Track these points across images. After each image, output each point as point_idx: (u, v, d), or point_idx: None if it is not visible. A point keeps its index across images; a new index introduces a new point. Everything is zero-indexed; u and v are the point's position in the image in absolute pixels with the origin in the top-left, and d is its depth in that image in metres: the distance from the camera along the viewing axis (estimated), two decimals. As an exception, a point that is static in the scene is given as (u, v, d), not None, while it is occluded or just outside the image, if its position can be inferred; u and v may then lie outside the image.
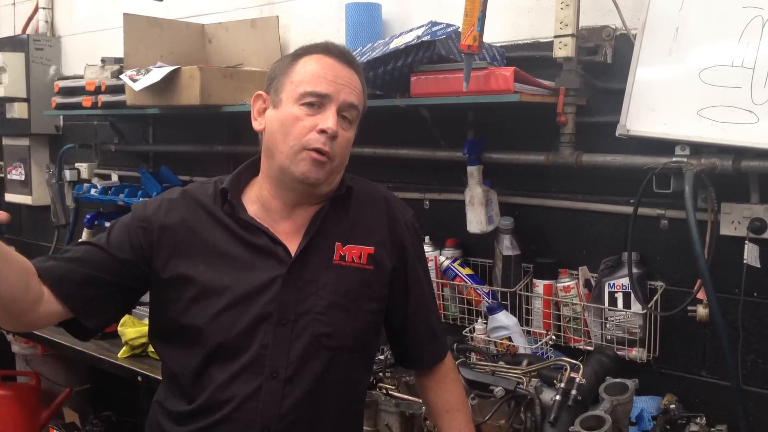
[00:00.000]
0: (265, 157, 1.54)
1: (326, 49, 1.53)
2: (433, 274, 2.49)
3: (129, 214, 1.59)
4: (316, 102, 1.47)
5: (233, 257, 1.51)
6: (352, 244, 1.56)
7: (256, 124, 1.56)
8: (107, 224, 3.53)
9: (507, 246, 2.37)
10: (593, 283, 2.25)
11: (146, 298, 1.61)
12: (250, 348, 1.46)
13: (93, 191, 3.61)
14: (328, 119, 1.46)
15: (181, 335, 1.52)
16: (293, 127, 1.46)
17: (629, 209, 2.12)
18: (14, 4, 4.54)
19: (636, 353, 2.14)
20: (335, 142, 1.47)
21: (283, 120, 1.48)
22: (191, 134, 3.45)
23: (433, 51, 2.19)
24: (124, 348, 2.70)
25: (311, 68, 1.49)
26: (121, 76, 2.99)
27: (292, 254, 1.51)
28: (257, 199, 1.56)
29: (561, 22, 2.10)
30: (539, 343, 2.28)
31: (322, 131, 1.45)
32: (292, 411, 1.47)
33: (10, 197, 4.43)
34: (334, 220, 1.57)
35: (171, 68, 2.77)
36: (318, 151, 1.45)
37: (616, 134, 2.05)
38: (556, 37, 2.12)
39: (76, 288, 1.46)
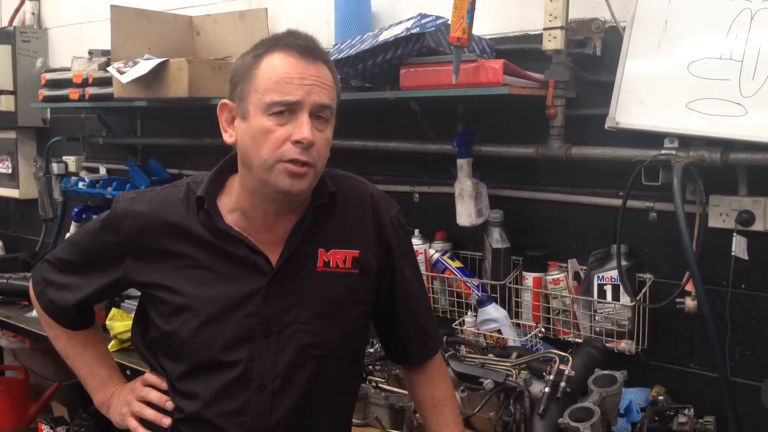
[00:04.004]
0: (243, 169, 1.45)
1: (288, 45, 1.39)
2: (422, 267, 2.49)
3: (99, 228, 1.56)
4: (285, 110, 1.36)
5: (212, 269, 1.46)
6: (336, 249, 1.50)
7: (227, 137, 1.46)
8: (95, 218, 3.56)
9: (496, 239, 2.38)
10: (582, 275, 2.25)
11: (135, 291, 1.60)
12: (236, 361, 1.44)
13: (81, 184, 3.59)
14: (302, 128, 1.35)
15: (164, 346, 1.51)
16: (265, 141, 1.36)
17: (618, 202, 2.13)
18: (0, -5, 4.51)
19: (625, 345, 2.15)
20: (314, 148, 1.37)
21: (253, 134, 1.38)
22: (180, 127, 3.43)
23: (422, 43, 2.18)
24: (112, 342, 2.69)
25: (275, 73, 1.37)
26: (108, 69, 2.97)
27: (274, 264, 1.46)
28: (236, 208, 1.48)
29: (550, 15, 2.09)
30: (528, 335, 2.29)
31: (297, 142, 1.35)
32: (282, 423, 1.45)
33: (-4, 191, 4.40)
34: (317, 226, 1.50)
35: (159, 60, 2.75)
36: (294, 162, 1.36)
37: (606, 127, 2.06)
38: (545, 29, 2.11)
39: (73, 321, 1.68)
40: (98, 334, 1.73)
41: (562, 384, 1.88)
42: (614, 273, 2.12)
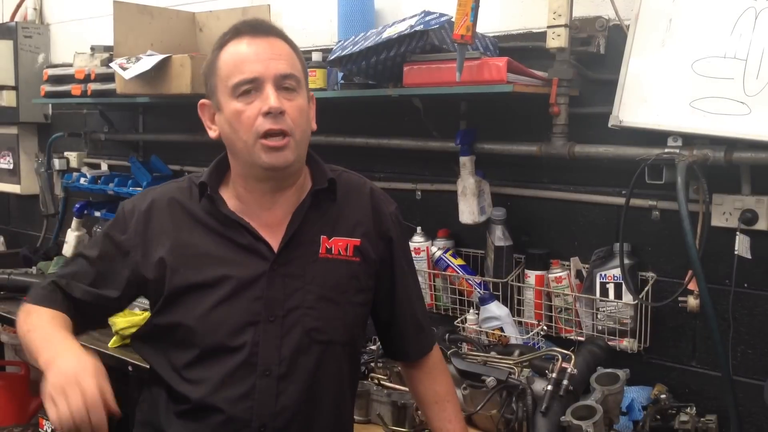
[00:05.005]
0: (232, 158, 1.52)
1: (237, 31, 1.47)
2: (425, 265, 2.50)
3: (105, 233, 1.56)
4: (250, 88, 1.42)
5: (215, 256, 1.48)
6: (338, 237, 1.54)
7: (211, 133, 1.53)
8: (97, 214, 3.57)
9: (499, 236, 2.38)
10: (585, 273, 2.25)
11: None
12: (241, 346, 1.45)
13: (82, 180, 3.59)
14: (268, 99, 1.40)
15: (169, 335, 1.50)
16: (239, 122, 1.42)
17: (621, 200, 2.12)
18: (2, -9, 4.50)
19: (627, 344, 2.15)
20: (286, 116, 1.42)
21: (229, 120, 1.44)
22: (182, 123, 3.42)
23: (426, 41, 2.18)
24: (114, 338, 2.69)
25: (231, 58, 1.45)
26: (110, 65, 2.97)
27: (275, 250, 1.49)
28: (234, 195, 1.53)
29: (554, 13, 2.09)
30: (531, 333, 2.29)
31: (267, 113, 1.40)
32: (288, 408, 1.46)
33: (-2, 186, 4.40)
34: (317, 213, 1.54)
35: (161, 57, 2.75)
36: (269, 134, 1.41)
37: (609, 125, 2.05)
38: (549, 27, 2.11)
39: (90, 324, 1.61)
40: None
41: (565, 382, 1.89)
42: (617, 271, 2.12)
